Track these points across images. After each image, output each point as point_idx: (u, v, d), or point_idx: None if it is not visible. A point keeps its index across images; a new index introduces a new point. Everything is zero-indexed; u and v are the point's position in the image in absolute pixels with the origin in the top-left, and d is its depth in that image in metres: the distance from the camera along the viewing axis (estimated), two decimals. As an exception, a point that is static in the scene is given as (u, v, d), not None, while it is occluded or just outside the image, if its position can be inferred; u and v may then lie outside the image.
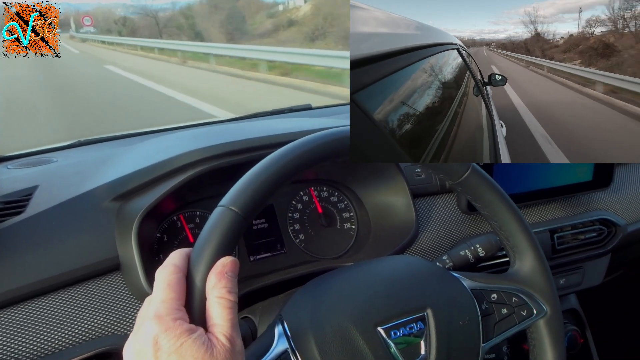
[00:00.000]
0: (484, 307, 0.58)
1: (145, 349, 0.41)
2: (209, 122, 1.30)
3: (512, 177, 0.94)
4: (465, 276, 0.60)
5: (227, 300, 0.44)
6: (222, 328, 0.43)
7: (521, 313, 0.59)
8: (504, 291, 0.59)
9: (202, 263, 0.45)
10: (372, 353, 0.50)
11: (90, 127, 5.10)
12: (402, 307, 0.54)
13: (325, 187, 0.94)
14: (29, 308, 0.65)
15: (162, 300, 0.43)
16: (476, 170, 0.57)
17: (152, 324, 0.41)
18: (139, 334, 0.42)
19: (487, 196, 0.58)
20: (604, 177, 1.02)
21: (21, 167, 0.96)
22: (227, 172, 0.74)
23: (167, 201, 0.75)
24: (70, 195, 0.75)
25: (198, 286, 0.44)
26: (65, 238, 0.70)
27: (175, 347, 0.40)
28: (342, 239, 0.91)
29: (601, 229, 1.03)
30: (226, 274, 0.44)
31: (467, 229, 0.92)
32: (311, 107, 1.39)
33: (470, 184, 0.57)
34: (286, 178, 0.50)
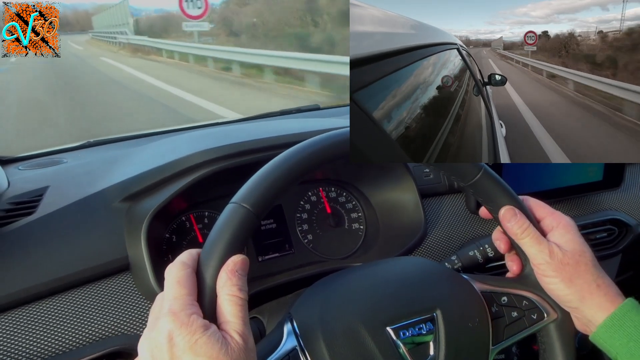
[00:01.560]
0: (494, 309, 0.57)
1: (161, 345, 0.41)
2: (218, 123, 1.31)
3: (522, 177, 0.93)
4: (476, 279, 0.59)
5: (238, 297, 0.44)
6: (234, 325, 0.43)
7: (531, 316, 0.58)
8: (515, 294, 0.58)
9: (213, 259, 0.45)
10: (380, 353, 0.50)
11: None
12: (412, 308, 0.54)
13: (333, 187, 0.94)
14: (40, 308, 0.66)
15: (175, 297, 0.43)
16: (488, 172, 0.57)
17: (166, 320, 0.41)
18: (154, 330, 0.42)
19: (498, 199, 0.57)
20: (614, 177, 1.02)
21: (32, 168, 0.97)
22: (235, 173, 0.74)
23: (176, 202, 0.76)
24: (80, 196, 0.76)
25: (209, 283, 0.44)
26: (76, 238, 0.71)
27: (190, 344, 0.40)
28: (350, 240, 0.91)
29: (611, 229, 1.02)
30: (237, 271, 0.45)
31: (476, 229, 0.91)
32: (319, 107, 1.39)
33: (482, 187, 0.57)
34: (298, 176, 0.50)
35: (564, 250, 0.55)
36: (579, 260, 0.55)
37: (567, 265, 0.54)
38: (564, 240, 0.56)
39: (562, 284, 0.54)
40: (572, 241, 0.56)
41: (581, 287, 0.54)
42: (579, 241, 0.56)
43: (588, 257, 0.55)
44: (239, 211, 0.46)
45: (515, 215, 0.56)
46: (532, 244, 0.56)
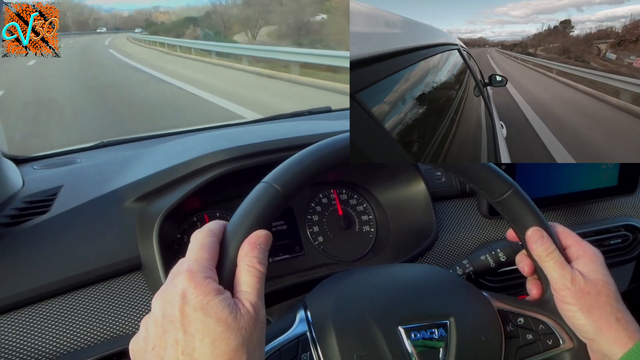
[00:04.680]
0: (509, 329, 0.56)
1: (173, 300, 0.41)
2: (230, 124, 1.31)
3: (536, 181, 0.93)
4: (495, 297, 0.59)
5: (256, 269, 0.45)
6: (248, 295, 0.44)
7: (547, 342, 0.57)
8: (532, 317, 0.57)
9: (238, 231, 0.46)
10: (390, 351, 0.50)
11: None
12: (426, 311, 0.53)
13: (344, 190, 0.93)
14: (52, 306, 0.67)
15: (196, 259, 0.44)
16: (518, 191, 0.56)
17: (183, 278, 0.42)
18: (169, 286, 0.43)
19: (526, 220, 0.56)
20: (629, 182, 1.00)
21: (46, 168, 0.98)
22: (247, 174, 0.74)
23: (188, 202, 0.76)
24: (93, 196, 0.77)
25: (231, 252, 0.45)
26: (88, 237, 0.72)
27: (202, 304, 0.41)
28: (360, 242, 0.90)
29: (626, 235, 1.01)
30: (259, 245, 0.46)
31: (488, 234, 0.90)
32: (331, 110, 1.39)
33: (510, 205, 0.56)
34: (328, 167, 0.51)
35: (586, 279, 0.54)
36: (600, 291, 0.53)
37: (587, 295, 0.53)
38: (588, 269, 0.55)
39: (580, 313, 0.53)
40: (596, 271, 0.55)
41: (599, 318, 0.53)
42: (603, 272, 0.55)
43: (611, 289, 0.54)
44: (269, 190, 0.48)
45: (543, 237, 0.55)
46: (555, 268, 0.55)
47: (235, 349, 0.41)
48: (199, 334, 0.40)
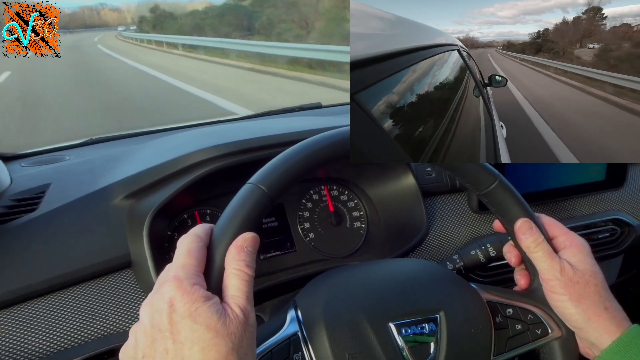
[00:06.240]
0: (498, 320, 0.57)
1: (161, 309, 0.41)
2: (220, 121, 1.31)
3: (524, 176, 0.93)
4: (483, 288, 0.59)
5: (244, 273, 0.45)
6: (237, 299, 0.44)
7: (535, 331, 0.58)
8: (520, 307, 0.58)
9: (225, 235, 0.46)
10: (381, 347, 0.50)
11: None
12: (416, 306, 0.54)
13: (335, 186, 0.93)
14: (41, 305, 0.66)
15: (182, 265, 0.44)
16: (503, 183, 0.56)
17: (170, 286, 0.42)
18: (157, 294, 0.43)
19: (513, 212, 0.57)
20: (616, 177, 1.01)
21: (34, 165, 0.97)
22: (237, 171, 0.74)
23: (178, 199, 0.76)
24: (82, 193, 0.76)
25: (218, 257, 0.45)
26: (78, 235, 0.71)
27: (190, 312, 0.41)
28: (351, 238, 0.91)
29: (614, 229, 1.02)
30: (246, 248, 0.45)
31: (478, 229, 0.91)
32: (321, 106, 1.39)
33: (496, 197, 0.56)
34: (315, 165, 0.51)
35: (575, 269, 0.55)
36: (588, 281, 0.54)
37: (576, 284, 0.54)
38: (576, 259, 0.56)
39: (569, 302, 0.54)
40: (584, 261, 0.55)
41: (588, 307, 0.53)
42: (591, 262, 0.56)
43: (599, 279, 0.55)
44: (255, 191, 0.47)
45: (531, 228, 0.56)
46: (544, 259, 0.55)
47: (226, 355, 0.40)
48: (188, 342, 0.40)
